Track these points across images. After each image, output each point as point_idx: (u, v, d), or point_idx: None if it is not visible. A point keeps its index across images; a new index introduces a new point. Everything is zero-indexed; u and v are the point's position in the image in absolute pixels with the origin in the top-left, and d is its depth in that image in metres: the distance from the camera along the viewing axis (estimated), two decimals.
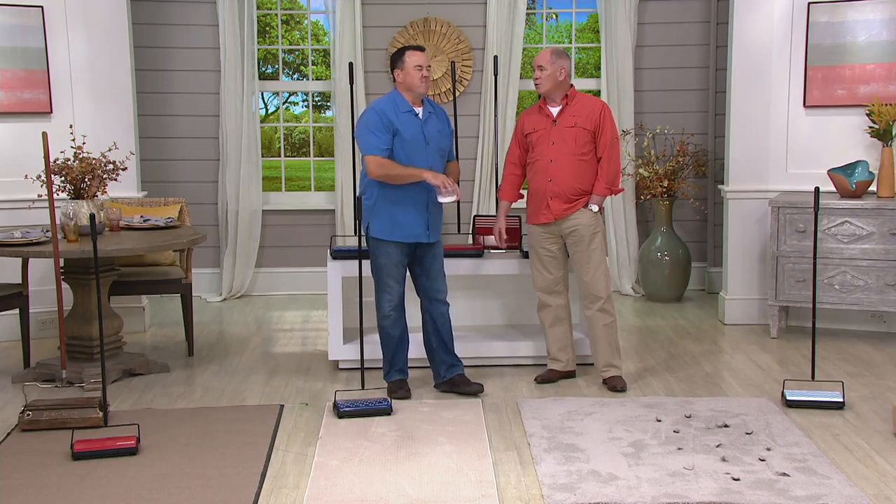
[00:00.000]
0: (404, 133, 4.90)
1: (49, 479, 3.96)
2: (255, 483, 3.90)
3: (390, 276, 4.99)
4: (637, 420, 4.62)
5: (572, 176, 5.08)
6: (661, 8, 7.63)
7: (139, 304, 6.55)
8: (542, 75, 5.07)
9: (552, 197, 5.10)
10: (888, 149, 6.08)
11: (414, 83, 4.92)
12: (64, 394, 5.07)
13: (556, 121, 5.11)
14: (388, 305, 5.00)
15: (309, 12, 8.11)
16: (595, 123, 5.10)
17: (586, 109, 5.11)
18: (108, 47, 6.39)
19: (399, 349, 5.10)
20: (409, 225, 4.94)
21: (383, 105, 4.96)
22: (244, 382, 5.37)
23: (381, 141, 4.88)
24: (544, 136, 5.12)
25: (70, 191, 5.40)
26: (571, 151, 5.08)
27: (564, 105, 5.12)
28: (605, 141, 5.11)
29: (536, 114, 5.19)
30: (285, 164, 8.26)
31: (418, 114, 4.96)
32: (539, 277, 5.27)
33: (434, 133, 4.99)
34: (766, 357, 5.81)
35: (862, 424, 4.59)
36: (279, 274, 7.78)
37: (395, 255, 4.97)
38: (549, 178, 5.09)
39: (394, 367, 5.11)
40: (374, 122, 4.90)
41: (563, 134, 5.09)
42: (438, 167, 5.00)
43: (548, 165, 5.10)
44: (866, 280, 5.95)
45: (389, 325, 5.04)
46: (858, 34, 6.27)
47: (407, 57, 4.93)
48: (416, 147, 4.92)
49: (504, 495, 3.79)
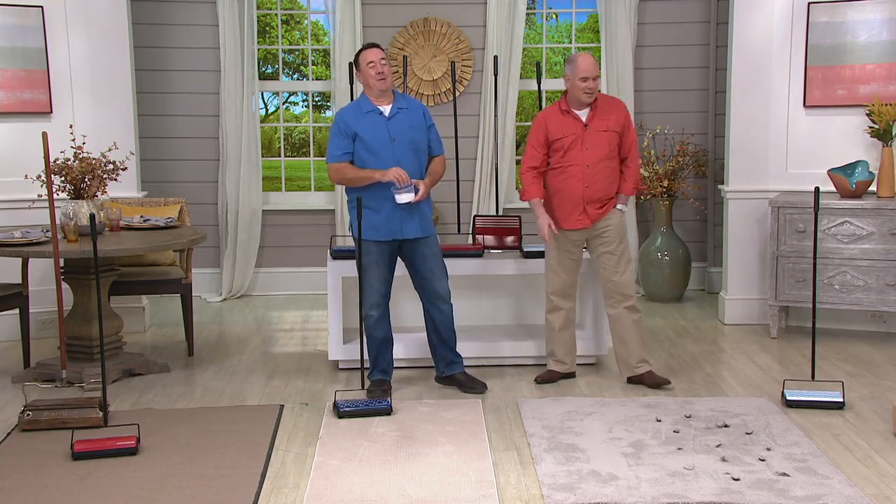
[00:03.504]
0: (363, 134, 4.90)
1: (49, 479, 3.96)
2: (255, 483, 3.90)
3: (371, 276, 4.98)
4: (637, 420, 4.62)
5: (607, 179, 5.05)
6: (661, 8, 7.63)
7: (139, 304, 6.55)
8: (596, 85, 4.98)
9: (588, 202, 5.05)
10: (888, 149, 6.08)
11: (369, 81, 4.93)
12: (64, 394, 5.07)
13: (587, 125, 5.03)
14: (368, 304, 5.00)
15: (309, 12, 8.11)
16: (622, 125, 5.07)
17: (613, 111, 5.07)
18: (108, 47, 6.39)
19: (382, 350, 5.09)
20: (383, 223, 4.94)
21: (345, 111, 5.02)
22: (244, 382, 5.37)
23: (338, 147, 4.94)
24: (576, 141, 5.02)
25: (70, 191, 5.40)
26: (606, 156, 5.03)
27: (593, 108, 5.04)
28: (631, 140, 5.10)
29: (560, 117, 5.06)
30: (285, 164, 8.26)
31: (383, 112, 4.95)
32: (556, 280, 5.20)
33: (403, 129, 4.95)
34: (766, 357, 5.81)
35: (862, 424, 4.59)
36: (279, 274, 7.78)
37: (373, 253, 4.96)
38: (585, 184, 5.02)
39: (376, 367, 5.11)
40: (333, 131, 4.98)
41: (596, 138, 5.01)
42: (410, 163, 4.93)
43: (584, 171, 5.01)
44: (866, 280, 5.95)
45: (370, 326, 5.03)
46: (858, 34, 6.27)
47: (360, 57, 4.96)
48: (380, 146, 4.91)
49: (504, 495, 3.79)
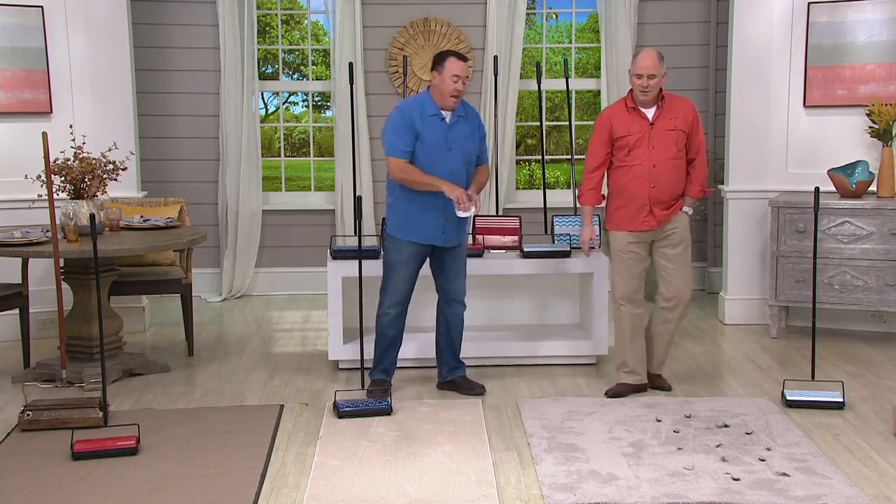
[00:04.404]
0: (426, 137, 4.79)
1: (49, 479, 3.96)
2: (255, 483, 3.90)
3: (397, 274, 4.93)
4: (637, 420, 4.62)
5: (673, 180, 4.91)
6: (661, 8, 7.63)
7: (139, 304, 6.55)
8: (652, 84, 4.82)
9: (655, 203, 4.90)
10: (888, 149, 6.08)
11: (444, 92, 4.78)
12: (64, 394, 5.07)
13: (653, 124, 4.89)
14: (388, 302, 4.96)
15: (309, 12, 8.11)
16: (690, 125, 4.92)
17: (681, 110, 4.92)
18: (108, 47, 6.39)
19: (389, 350, 5.06)
20: (425, 227, 4.87)
21: (410, 106, 4.84)
22: (244, 382, 5.37)
23: (403, 142, 4.78)
24: (642, 139, 4.88)
25: (70, 191, 5.40)
26: (672, 155, 4.89)
27: (660, 107, 4.91)
28: (700, 141, 4.96)
29: (626, 115, 4.93)
30: (285, 164, 8.26)
31: (445, 118, 4.84)
32: (624, 284, 5.01)
33: (459, 138, 4.85)
34: (766, 357, 5.81)
35: (862, 424, 4.59)
36: (279, 274, 7.78)
37: (406, 253, 4.90)
38: (651, 184, 4.88)
39: (379, 366, 5.08)
40: (398, 123, 4.80)
41: (663, 138, 4.88)
42: (461, 173, 4.87)
43: (650, 171, 4.88)
44: (866, 280, 5.95)
45: (385, 324, 4.99)
46: (858, 34, 6.27)
47: (448, 63, 4.76)
48: (437, 152, 4.81)
49: (504, 495, 3.79)
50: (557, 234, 5.81)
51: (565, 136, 9.67)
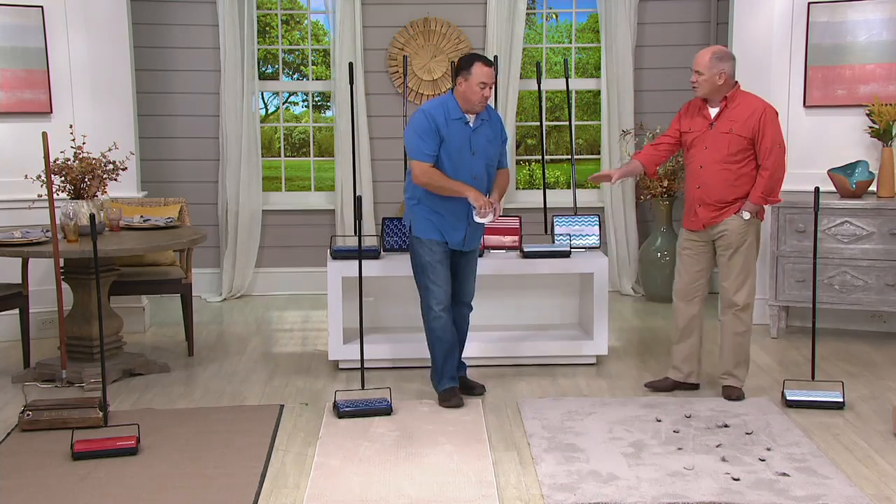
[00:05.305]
0: (450, 141, 4.73)
1: (49, 479, 3.96)
2: (255, 483, 3.90)
3: (437, 273, 4.84)
4: (637, 420, 4.62)
5: (720, 184, 4.83)
6: (661, 8, 7.63)
7: (139, 304, 6.55)
8: (699, 80, 4.80)
9: (700, 204, 4.89)
10: (888, 149, 6.08)
11: (472, 99, 4.72)
12: (64, 394, 5.07)
13: (712, 124, 4.85)
14: (437, 305, 4.84)
15: (309, 12, 8.11)
16: (753, 129, 4.77)
17: (745, 114, 4.79)
18: (108, 47, 6.39)
19: (449, 355, 4.93)
20: (449, 233, 4.84)
21: (434, 109, 4.75)
22: (244, 382, 5.37)
23: (428, 146, 4.71)
24: (699, 139, 4.87)
25: (70, 191, 5.40)
26: (722, 159, 4.81)
27: (723, 108, 4.83)
28: (766, 147, 4.78)
29: (696, 113, 4.92)
30: (285, 164, 8.25)
31: (469, 122, 4.78)
32: (679, 280, 5.05)
33: (482, 142, 4.81)
34: (766, 357, 5.81)
35: (862, 424, 4.59)
36: (279, 274, 7.78)
37: (438, 253, 4.83)
38: (697, 185, 4.89)
39: (445, 375, 4.92)
40: (423, 127, 4.71)
41: (716, 140, 4.82)
42: (483, 177, 4.83)
43: (698, 171, 4.88)
44: (866, 280, 5.95)
45: (440, 328, 4.86)
46: (858, 34, 6.27)
47: (475, 69, 4.69)
48: (460, 156, 4.76)
49: (504, 495, 3.79)
50: (557, 234, 5.81)
51: (565, 136, 9.66)
